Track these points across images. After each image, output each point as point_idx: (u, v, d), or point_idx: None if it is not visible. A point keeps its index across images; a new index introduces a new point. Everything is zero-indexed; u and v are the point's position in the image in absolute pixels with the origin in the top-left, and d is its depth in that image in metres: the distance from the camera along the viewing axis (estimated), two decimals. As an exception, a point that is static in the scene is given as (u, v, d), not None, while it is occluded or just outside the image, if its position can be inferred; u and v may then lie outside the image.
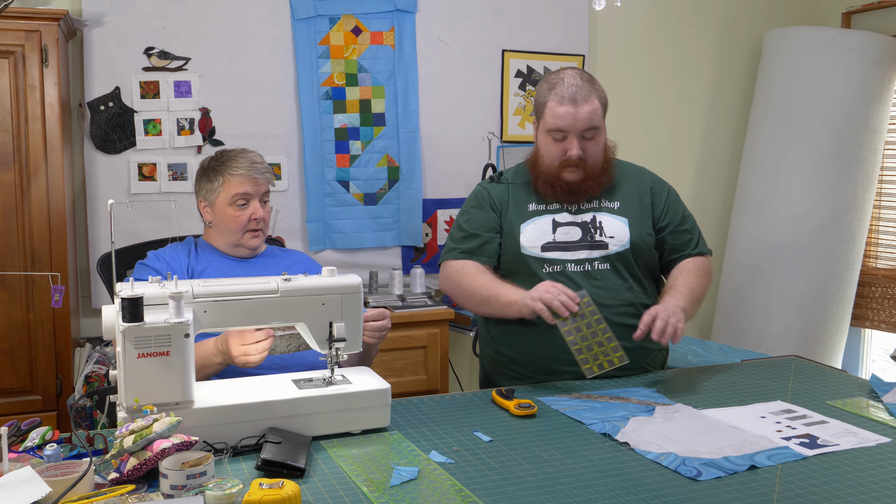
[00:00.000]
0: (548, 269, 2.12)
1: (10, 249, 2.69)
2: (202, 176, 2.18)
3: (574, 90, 2.09)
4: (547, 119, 2.12)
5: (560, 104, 2.08)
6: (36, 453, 1.44)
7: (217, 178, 2.13)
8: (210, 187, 2.14)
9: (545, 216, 2.17)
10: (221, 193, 2.12)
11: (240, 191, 2.10)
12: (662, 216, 2.23)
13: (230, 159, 2.14)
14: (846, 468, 1.47)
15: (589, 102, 2.09)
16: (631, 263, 2.16)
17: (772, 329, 3.77)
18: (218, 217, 2.14)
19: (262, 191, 2.14)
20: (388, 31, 3.48)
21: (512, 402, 1.78)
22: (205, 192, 2.16)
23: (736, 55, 4.19)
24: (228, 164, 2.13)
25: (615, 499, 1.34)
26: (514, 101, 3.72)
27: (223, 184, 2.12)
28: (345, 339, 1.69)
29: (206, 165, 2.18)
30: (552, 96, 2.11)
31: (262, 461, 1.40)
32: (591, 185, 2.15)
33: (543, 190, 2.17)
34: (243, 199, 2.11)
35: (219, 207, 2.13)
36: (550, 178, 2.15)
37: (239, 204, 2.11)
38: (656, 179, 2.30)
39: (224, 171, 2.12)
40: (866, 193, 3.82)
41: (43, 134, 2.70)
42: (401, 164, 3.52)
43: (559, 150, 2.12)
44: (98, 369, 2.71)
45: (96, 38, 3.07)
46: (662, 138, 4.06)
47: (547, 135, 2.13)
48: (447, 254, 2.23)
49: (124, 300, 1.45)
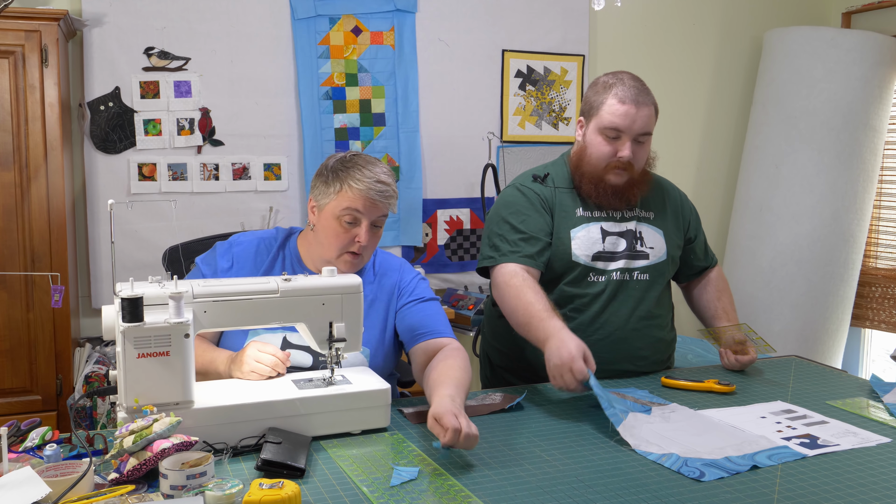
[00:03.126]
0: (593, 278, 2.12)
1: (10, 249, 2.69)
2: (321, 174, 1.91)
3: (635, 92, 2.08)
4: (603, 116, 2.08)
5: (622, 103, 2.06)
6: (36, 453, 1.44)
7: (335, 183, 1.86)
8: (325, 190, 1.88)
9: (594, 224, 2.14)
10: (333, 202, 1.85)
11: (352, 206, 1.83)
12: (688, 230, 2.30)
13: (356, 167, 1.86)
14: (846, 468, 1.47)
15: (647, 106, 2.08)
16: (665, 275, 2.20)
17: (772, 329, 3.77)
18: (321, 226, 1.88)
19: (377, 214, 1.87)
20: (388, 31, 3.48)
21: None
22: (317, 194, 1.90)
23: (736, 55, 4.19)
24: (352, 173, 1.85)
25: (615, 499, 1.34)
26: (514, 101, 3.72)
27: (338, 192, 1.85)
28: (345, 339, 1.69)
29: (329, 165, 1.91)
30: (611, 95, 2.08)
31: (262, 461, 1.40)
32: (633, 192, 2.13)
33: (587, 191, 2.14)
34: (353, 216, 1.84)
35: (325, 216, 1.87)
36: (595, 178, 2.11)
37: (346, 220, 1.84)
38: (682, 194, 2.35)
39: (344, 179, 1.85)
40: (866, 193, 3.82)
41: (43, 134, 2.70)
42: (401, 164, 3.52)
43: (610, 149, 2.09)
44: (98, 369, 2.71)
45: (96, 38, 3.07)
46: (662, 138, 4.05)
47: (599, 133, 2.09)
48: (502, 257, 2.09)
49: (124, 300, 1.45)
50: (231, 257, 1.91)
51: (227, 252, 1.92)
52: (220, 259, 1.91)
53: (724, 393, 1.93)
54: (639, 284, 2.14)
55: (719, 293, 2.32)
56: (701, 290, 2.35)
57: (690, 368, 2.23)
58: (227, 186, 3.28)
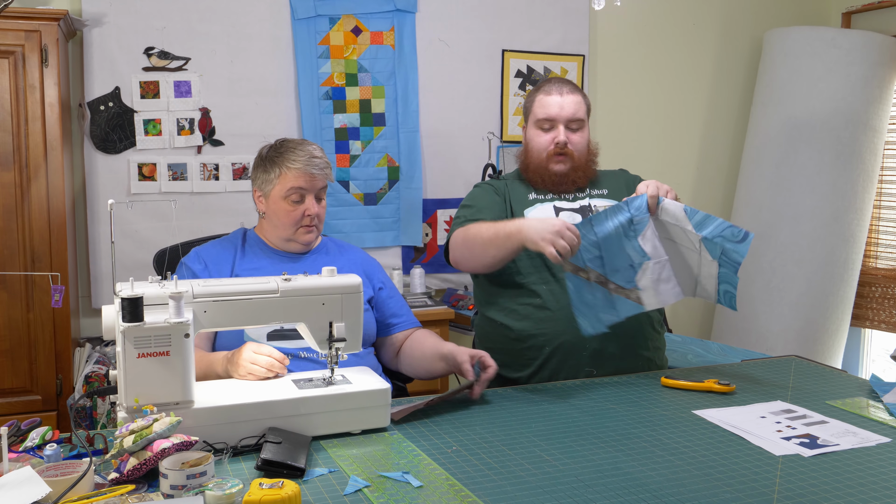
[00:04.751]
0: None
1: (10, 249, 2.69)
2: (259, 165, 2.09)
3: (560, 84, 2.25)
4: (535, 111, 2.25)
5: (548, 94, 2.23)
6: (36, 453, 1.44)
7: (273, 169, 2.04)
8: (266, 178, 2.06)
9: (546, 203, 2.24)
10: (277, 186, 2.03)
11: (295, 185, 2.01)
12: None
13: (288, 150, 2.05)
14: (846, 468, 1.47)
15: (574, 95, 2.23)
16: None
17: (772, 329, 3.77)
18: (272, 210, 2.06)
19: (318, 186, 2.05)
20: (388, 31, 3.48)
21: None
22: (260, 183, 2.07)
23: (736, 55, 4.19)
24: (286, 156, 2.04)
25: (615, 499, 1.34)
26: (514, 101, 3.72)
27: (279, 176, 2.03)
28: (345, 339, 1.69)
29: (264, 155, 2.09)
30: (540, 92, 2.26)
31: (262, 461, 1.40)
32: (578, 176, 2.25)
33: (534, 180, 2.26)
34: (298, 193, 2.03)
35: (273, 200, 2.04)
36: (540, 169, 2.25)
37: (293, 199, 2.03)
38: (631, 175, 2.40)
39: (281, 163, 2.03)
40: (866, 193, 3.82)
41: (43, 134, 2.70)
42: (401, 164, 3.52)
43: (547, 139, 2.23)
44: (98, 369, 2.71)
45: (96, 38, 3.07)
46: (662, 138, 4.06)
47: (535, 127, 2.26)
48: (456, 228, 2.20)
49: (124, 300, 1.45)
50: (201, 260, 2.04)
51: (195, 258, 2.05)
52: (192, 265, 2.03)
53: (724, 393, 1.93)
54: None
55: None
56: None
57: (690, 368, 2.23)
58: (227, 186, 3.28)
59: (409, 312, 2.21)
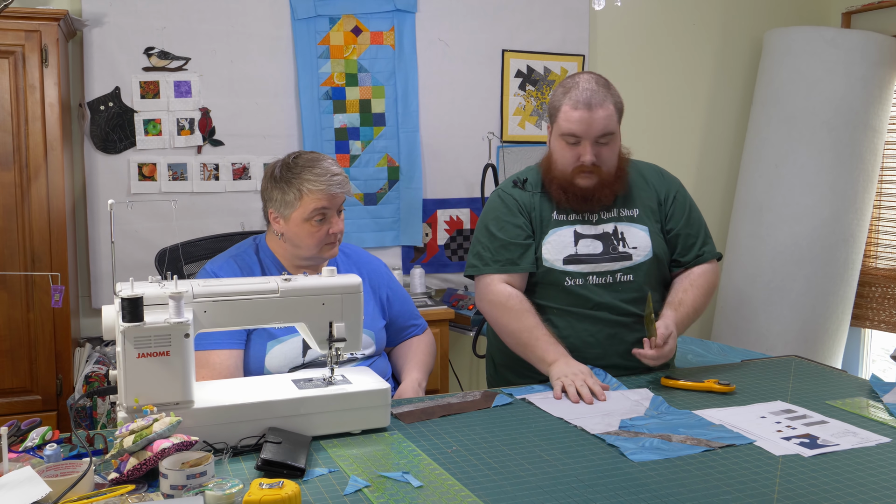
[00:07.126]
0: (570, 283, 2.11)
1: (10, 249, 2.69)
2: (273, 185, 1.98)
3: (589, 94, 2.04)
4: (560, 123, 2.08)
5: (574, 108, 2.04)
6: (36, 453, 1.44)
7: (291, 190, 1.95)
8: (284, 200, 1.96)
9: (567, 227, 2.14)
10: (298, 210, 1.95)
11: (318, 206, 1.94)
12: (667, 220, 2.20)
13: (305, 170, 1.95)
14: (846, 468, 1.47)
15: (604, 107, 2.04)
16: (653, 273, 2.15)
17: (772, 329, 3.77)
18: (293, 232, 1.98)
19: (340, 202, 1.99)
20: (388, 31, 3.48)
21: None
22: (277, 205, 1.98)
23: (736, 55, 4.19)
24: (304, 177, 1.94)
25: (615, 499, 1.34)
26: (514, 101, 3.72)
27: (299, 199, 1.94)
28: (345, 339, 1.69)
29: (277, 175, 1.98)
30: (566, 100, 2.06)
31: (262, 461, 1.40)
32: (604, 193, 2.11)
33: (557, 196, 2.14)
34: (321, 214, 1.95)
35: (294, 223, 1.96)
36: (564, 183, 2.11)
37: (316, 220, 1.95)
38: (665, 181, 2.25)
39: (300, 185, 1.94)
40: (866, 193, 3.82)
41: (43, 134, 2.70)
42: (401, 164, 3.52)
43: (573, 155, 2.08)
44: (98, 369, 2.71)
45: (96, 38, 3.07)
46: (662, 138, 4.06)
47: (560, 139, 2.09)
48: (485, 266, 2.14)
49: (124, 300, 1.45)
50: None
51: (214, 276, 1.97)
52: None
53: (724, 393, 1.93)
54: (623, 286, 2.11)
55: (692, 287, 2.15)
56: (677, 277, 2.22)
57: (690, 368, 2.23)
58: (227, 186, 3.28)
59: (418, 315, 2.29)
